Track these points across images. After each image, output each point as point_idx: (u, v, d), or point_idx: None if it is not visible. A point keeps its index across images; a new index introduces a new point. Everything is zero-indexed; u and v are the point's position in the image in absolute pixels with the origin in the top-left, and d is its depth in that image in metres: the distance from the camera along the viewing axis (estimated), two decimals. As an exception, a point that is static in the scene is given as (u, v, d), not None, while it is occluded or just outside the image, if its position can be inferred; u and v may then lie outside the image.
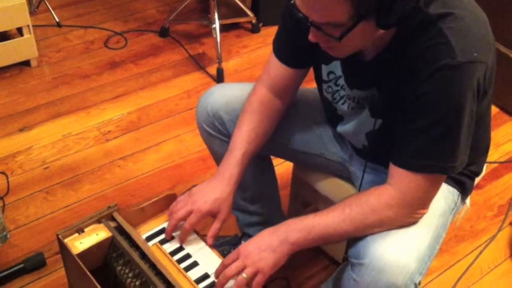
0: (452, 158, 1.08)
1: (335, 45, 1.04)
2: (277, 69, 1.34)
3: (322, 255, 1.77)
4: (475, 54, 1.00)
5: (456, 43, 1.00)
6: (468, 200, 1.53)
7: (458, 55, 0.99)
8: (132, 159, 2.14)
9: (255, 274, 1.16)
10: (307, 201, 1.71)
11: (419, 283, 1.12)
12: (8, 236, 1.82)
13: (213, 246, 1.32)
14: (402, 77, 1.07)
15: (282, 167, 1.86)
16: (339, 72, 1.25)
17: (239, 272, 1.16)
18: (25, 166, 2.08)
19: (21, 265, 1.71)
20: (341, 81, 1.25)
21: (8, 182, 2.01)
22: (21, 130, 2.24)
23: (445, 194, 1.28)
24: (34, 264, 1.73)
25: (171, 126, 2.28)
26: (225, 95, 1.44)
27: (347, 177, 1.50)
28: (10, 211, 1.91)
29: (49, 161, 2.11)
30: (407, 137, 1.09)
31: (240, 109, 1.38)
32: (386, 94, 1.15)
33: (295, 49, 1.28)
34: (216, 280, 1.20)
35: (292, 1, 1.01)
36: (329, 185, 1.54)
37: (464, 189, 1.34)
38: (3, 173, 2.04)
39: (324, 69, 1.28)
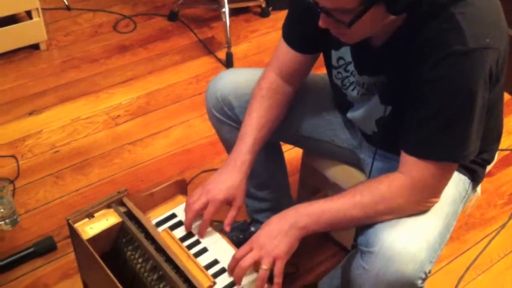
0: (463, 146, 1.07)
1: (345, 31, 1.03)
2: (287, 55, 1.33)
3: (330, 242, 1.77)
4: (488, 40, 0.99)
5: (467, 29, 0.98)
6: (479, 188, 1.52)
7: (469, 41, 0.98)
8: (141, 143, 2.14)
9: (273, 263, 1.16)
10: (316, 187, 1.71)
11: (429, 271, 1.12)
12: (18, 219, 1.84)
13: (228, 236, 1.32)
14: (412, 63, 1.06)
15: (292, 153, 1.85)
16: (348, 58, 1.23)
17: (255, 263, 1.16)
18: (35, 150, 2.09)
19: (32, 249, 1.73)
20: (351, 67, 1.24)
21: (18, 165, 2.02)
22: (30, 113, 2.24)
23: (456, 181, 1.27)
24: (45, 247, 1.74)
25: (180, 111, 2.28)
26: (234, 81, 1.43)
27: (357, 164, 1.49)
28: (20, 195, 1.92)
29: (58, 145, 2.11)
30: (418, 124, 1.08)
31: (250, 95, 1.38)
32: (396, 81, 1.13)
33: (304, 34, 1.26)
34: (231, 275, 1.19)
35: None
36: (338, 172, 1.54)
37: (475, 177, 1.33)
38: (13, 156, 2.05)
39: (334, 54, 1.27)
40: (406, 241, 1.09)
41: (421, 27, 1.04)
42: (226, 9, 2.50)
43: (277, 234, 1.16)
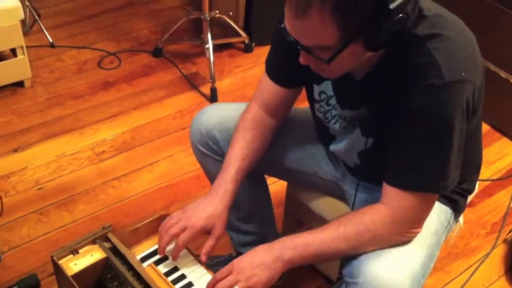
0: (443, 177, 1.09)
1: (325, 67, 1.06)
2: (270, 88, 1.36)
3: (316, 273, 1.77)
4: (463, 74, 1.02)
5: (443, 63, 1.02)
6: (461, 218, 1.54)
7: (445, 75, 1.01)
8: (126, 179, 2.14)
9: None
10: (301, 220, 1.71)
11: (413, 301, 1.13)
12: (1, 257, 1.82)
13: (207, 266, 1.32)
14: (390, 96, 1.09)
15: (276, 186, 1.86)
16: (330, 91, 1.26)
17: (231, 287, 1.16)
18: (19, 187, 2.07)
19: (15, 287, 1.70)
20: (333, 101, 1.27)
21: (1, 203, 2.00)
22: (15, 150, 2.24)
23: (438, 212, 1.29)
24: (28, 285, 1.72)
25: (165, 146, 2.29)
26: (218, 115, 1.46)
27: (341, 196, 1.51)
28: (3, 232, 1.90)
29: (43, 181, 2.10)
30: (397, 155, 1.11)
31: (234, 129, 1.40)
32: (376, 113, 1.16)
33: (286, 69, 1.29)
34: None
35: (282, 25, 1.03)
36: (323, 204, 1.55)
37: (457, 207, 1.35)
38: (-4, 194, 2.04)
39: (316, 89, 1.29)
40: (390, 272, 1.10)
41: (399, 62, 1.07)
42: (210, 45, 2.54)
43: (259, 264, 1.17)
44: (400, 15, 0.97)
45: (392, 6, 0.95)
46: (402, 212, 1.12)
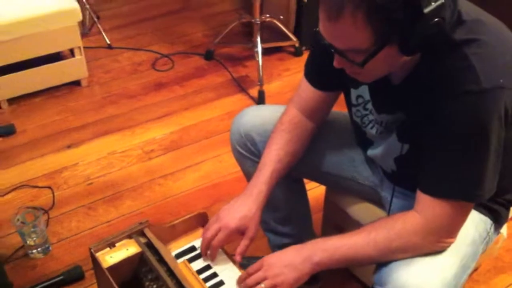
0: (478, 186, 1.06)
1: (360, 71, 1.05)
2: (308, 92, 1.36)
3: (353, 279, 1.75)
4: (501, 80, 0.99)
5: (481, 69, 0.99)
6: (505, 230, 1.49)
7: (482, 81, 0.99)
8: (172, 177, 2.19)
9: (274, 287, 1.17)
10: (339, 225, 1.70)
11: (443, 313, 1.10)
12: (50, 248, 1.90)
13: (242, 266, 1.34)
14: (427, 102, 1.07)
15: (317, 191, 1.86)
16: (367, 96, 1.25)
17: (259, 283, 1.18)
18: (70, 182, 2.16)
19: (61, 277, 1.77)
20: (369, 106, 1.26)
21: (53, 196, 2.09)
22: (69, 146, 2.33)
23: (477, 222, 1.26)
24: (73, 276, 1.78)
25: (212, 146, 2.33)
26: (257, 116, 1.47)
27: (378, 202, 1.49)
28: (53, 224, 1.99)
29: (93, 177, 2.18)
30: (432, 163, 1.08)
31: (272, 131, 1.41)
32: (412, 119, 1.14)
33: (324, 73, 1.29)
34: None
35: (317, 28, 1.03)
36: (360, 210, 1.54)
37: (498, 218, 1.30)
38: (49, 187, 2.13)
39: (353, 93, 1.29)
40: (419, 280, 1.08)
41: (436, 67, 1.05)
42: (259, 48, 2.56)
43: (288, 264, 1.18)
44: (436, 19, 0.95)
45: (426, 10, 0.93)
46: (435, 221, 1.10)
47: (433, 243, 1.12)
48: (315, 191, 1.84)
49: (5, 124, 2.42)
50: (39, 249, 1.86)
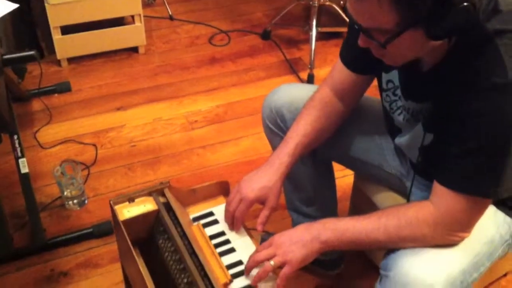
0: (497, 182, 1.02)
1: (384, 52, 1.03)
2: (341, 72, 1.34)
3: (373, 269, 1.72)
4: None
5: (509, 63, 0.95)
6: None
7: (509, 75, 0.94)
8: (211, 148, 2.22)
9: (282, 264, 1.17)
10: (365, 212, 1.68)
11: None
12: (86, 202, 1.98)
13: (263, 240, 1.34)
14: (454, 93, 1.03)
15: (347, 180, 1.84)
16: (397, 82, 1.22)
17: (268, 259, 1.18)
18: (114, 142, 2.24)
19: (90, 230, 1.85)
20: (399, 92, 1.23)
21: (96, 153, 2.17)
22: (118, 109, 2.41)
23: (500, 223, 1.21)
24: (102, 230, 1.86)
25: (254, 123, 2.34)
26: (289, 94, 1.47)
27: (404, 192, 1.46)
28: (93, 180, 2.07)
29: (136, 140, 2.25)
30: (451, 155, 1.05)
31: (303, 108, 1.40)
32: (438, 108, 1.11)
33: (357, 54, 1.26)
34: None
35: (346, 5, 1.02)
36: (386, 199, 1.51)
37: (523, 222, 1.25)
38: (94, 145, 2.21)
39: (384, 77, 1.26)
40: (424, 270, 1.05)
41: (466, 57, 1.01)
42: (313, 32, 2.55)
43: (297, 241, 1.17)
44: (465, 3, 0.92)
45: None
46: (447, 213, 1.07)
47: (444, 235, 1.09)
48: (346, 179, 1.83)
49: (62, 81, 2.53)
50: (75, 201, 1.95)
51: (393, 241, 1.11)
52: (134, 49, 2.74)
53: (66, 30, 2.55)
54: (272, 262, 1.17)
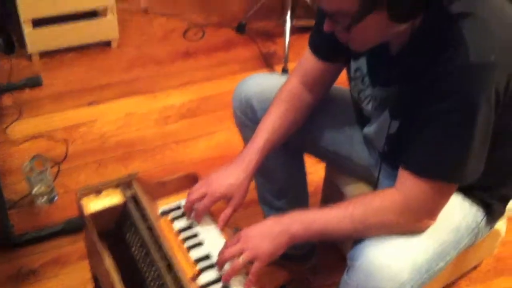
0: (460, 166, 1.02)
1: (350, 37, 1.03)
2: (310, 61, 1.34)
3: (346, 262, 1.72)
4: (493, 57, 0.95)
5: (471, 44, 0.95)
6: (503, 227, 1.43)
7: (471, 55, 0.94)
8: (184, 144, 2.20)
9: (252, 260, 1.16)
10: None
11: (411, 296, 1.07)
12: (56, 198, 1.94)
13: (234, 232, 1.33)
14: (418, 75, 1.04)
15: (319, 174, 1.83)
16: (365, 69, 1.22)
17: (237, 255, 1.17)
18: (86, 137, 2.21)
19: (61, 227, 1.82)
20: (367, 79, 1.22)
21: (67, 149, 2.14)
22: (90, 104, 2.38)
23: (466, 211, 1.21)
24: (73, 227, 1.82)
25: (227, 118, 2.28)
26: (260, 84, 1.46)
27: (374, 184, 1.45)
28: (63, 176, 2.04)
29: (108, 135, 2.22)
30: (416, 139, 1.05)
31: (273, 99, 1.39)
32: (404, 93, 1.11)
33: (325, 41, 1.26)
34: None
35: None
36: (356, 190, 1.51)
37: (490, 212, 1.26)
38: (64, 140, 2.18)
39: (353, 65, 1.26)
40: (389, 258, 1.05)
41: (429, 40, 1.01)
42: (287, 25, 2.53)
43: (267, 235, 1.16)
44: None
45: None
46: (413, 199, 1.07)
47: (410, 222, 1.09)
48: (318, 173, 1.82)
49: (33, 76, 2.48)
50: (44, 197, 1.91)
51: (360, 230, 1.11)
52: (107, 43, 2.70)
53: (38, 23, 2.50)
54: (241, 259, 1.15)
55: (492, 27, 0.97)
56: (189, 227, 1.32)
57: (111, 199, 1.30)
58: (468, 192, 1.21)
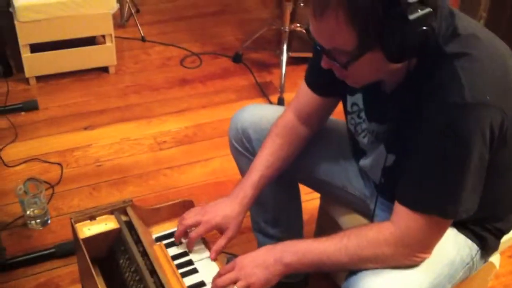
0: (455, 203, 1.03)
1: (347, 73, 1.05)
2: (305, 96, 1.36)
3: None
4: (488, 97, 0.97)
5: (467, 83, 0.97)
6: (497, 261, 1.44)
7: (467, 95, 0.97)
8: (179, 169, 2.21)
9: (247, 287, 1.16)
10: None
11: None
12: (49, 221, 1.94)
13: (227, 262, 1.33)
14: (414, 113, 1.05)
15: (314, 203, 1.84)
16: (361, 104, 1.24)
17: (231, 283, 1.16)
18: (80, 161, 2.21)
19: (52, 250, 1.81)
20: (363, 114, 1.24)
21: (62, 173, 2.14)
22: (86, 128, 2.39)
23: (461, 245, 1.22)
24: (64, 251, 1.81)
25: (223, 145, 2.29)
26: (256, 114, 1.47)
27: (369, 214, 1.46)
28: (57, 199, 2.03)
29: (102, 160, 2.22)
30: (411, 174, 1.06)
31: (268, 130, 1.40)
32: (400, 129, 1.13)
33: (322, 77, 1.28)
34: None
35: (308, 26, 1.04)
36: (351, 221, 1.51)
37: (485, 246, 1.26)
38: (59, 164, 2.17)
39: (349, 100, 1.28)
40: (384, 291, 1.05)
41: (425, 78, 1.04)
42: (284, 56, 2.57)
43: (260, 264, 1.16)
44: (423, 28, 0.94)
45: (412, 17, 0.93)
46: (408, 233, 1.07)
47: (405, 256, 1.09)
48: (313, 202, 1.83)
49: (30, 99, 2.50)
50: (37, 220, 1.90)
51: (354, 262, 1.11)
52: (105, 69, 2.73)
53: (36, 48, 2.53)
54: (235, 287, 1.15)
55: (487, 67, 1.00)
56: (184, 254, 1.32)
57: (106, 224, 1.30)
58: (463, 225, 1.22)
